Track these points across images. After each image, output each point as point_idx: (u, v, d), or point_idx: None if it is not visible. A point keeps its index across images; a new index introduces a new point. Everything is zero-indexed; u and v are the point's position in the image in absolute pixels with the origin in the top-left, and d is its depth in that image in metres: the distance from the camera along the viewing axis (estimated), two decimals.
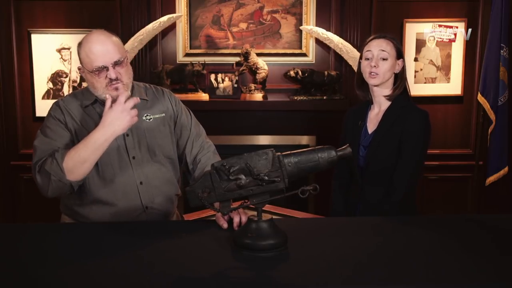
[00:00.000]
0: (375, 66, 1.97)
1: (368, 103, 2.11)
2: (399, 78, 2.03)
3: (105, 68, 1.69)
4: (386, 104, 2.04)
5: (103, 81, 1.70)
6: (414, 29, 3.64)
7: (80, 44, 1.73)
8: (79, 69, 1.77)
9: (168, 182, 1.88)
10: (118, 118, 1.59)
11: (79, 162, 1.63)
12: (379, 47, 1.98)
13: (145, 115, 1.86)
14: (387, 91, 2.03)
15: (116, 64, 1.70)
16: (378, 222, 1.73)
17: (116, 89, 1.70)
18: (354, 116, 2.13)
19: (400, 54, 2.02)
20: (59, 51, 3.61)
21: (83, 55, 1.71)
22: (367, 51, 2.01)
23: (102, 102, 1.78)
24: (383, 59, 1.97)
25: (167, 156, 1.89)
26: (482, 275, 1.27)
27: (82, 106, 1.80)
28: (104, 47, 1.69)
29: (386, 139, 1.98)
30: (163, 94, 1.94)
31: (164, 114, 1.89)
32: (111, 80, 1.69)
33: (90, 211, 1.80)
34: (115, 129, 1.59)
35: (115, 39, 1.74)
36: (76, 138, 1.76)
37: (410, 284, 1.22)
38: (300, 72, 3.48)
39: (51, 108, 1.83)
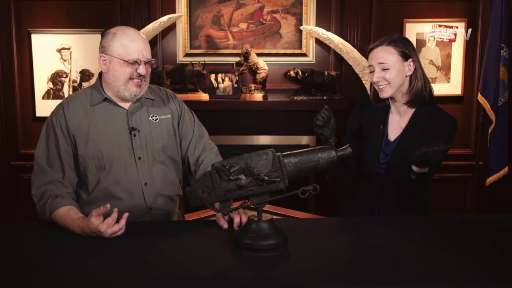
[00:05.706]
0: (379, 80, 1.88)
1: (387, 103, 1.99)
2: (413, 79, 1.91)
3: (138, 62, 1.75)
4: (409, 110, 1.93)
5: (128, 74, 1.76)
6: (414, 29, 3.64)
7: (113, 34, 1.76)
8: (101, 58, 1.78)
9: (171, 183, 1.89)
10: (96, 234, 1.52)
11: (60, 224, 1.65)
12: (377, 60, 1.88)
13: (152, 115, 1.87)
14: (404, 95, 1.92)
15: (147, 63, 1.78)
16: (378, 222, 1.73)
17: (139, 86, 1.78)
18: (374, 117, 1.98)
19: (406, 56, 1.89)
20: (59, 51, 3.61)
21: (117, 45, 1.75)
22: (369, 65, 1.92)
23: (110, 101, 1.82)
24: (385, 70, 1.87)
25: (171, 157, 1.90)
26: (482, 275, 1.27)
27: (91, 105, 1.82)
28: (144, 44, 1.78)
29: (414, 146, 1.77)
30: (167, 95, 1.96)
31: (170, 116, 1.91)
32: (139, 75, 1.76)
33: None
34: (86, 232, 1.55)
35: None
36: (79, 137, 1.78)
37: (409, 284, 1.22)
38: (300, 72, 3.47)
39: (52, 114, 1.83)
